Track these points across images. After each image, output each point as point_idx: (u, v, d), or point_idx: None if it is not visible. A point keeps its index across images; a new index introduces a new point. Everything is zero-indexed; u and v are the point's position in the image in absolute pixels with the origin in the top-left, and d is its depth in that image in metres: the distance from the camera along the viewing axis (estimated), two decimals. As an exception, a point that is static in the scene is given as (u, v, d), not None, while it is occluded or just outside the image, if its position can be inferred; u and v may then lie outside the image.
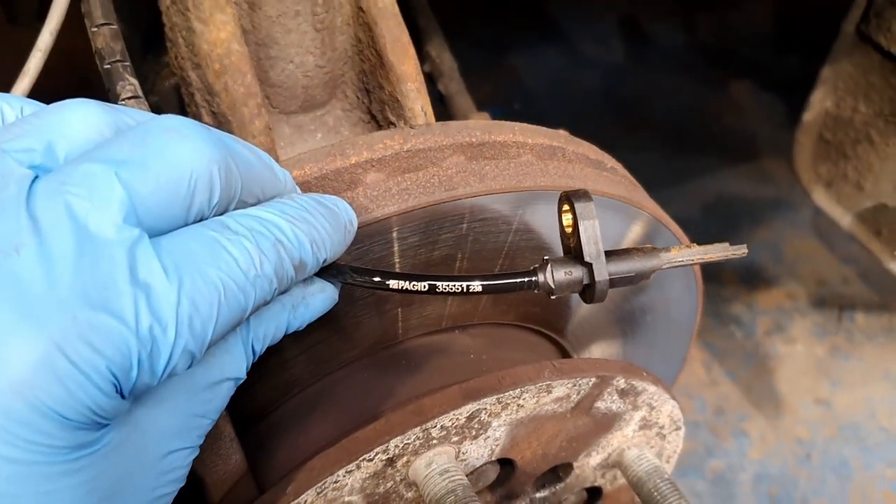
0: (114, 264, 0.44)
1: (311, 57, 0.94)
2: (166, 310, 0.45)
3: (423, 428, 0.71)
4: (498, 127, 0.82)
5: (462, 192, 0.73)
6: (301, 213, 0.55)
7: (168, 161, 0.47)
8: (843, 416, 2.35)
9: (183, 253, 0.47)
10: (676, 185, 2.80)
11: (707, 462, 2.23)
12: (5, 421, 0.42)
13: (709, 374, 2.41)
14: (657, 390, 0.86)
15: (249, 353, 0.57)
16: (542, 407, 0.78)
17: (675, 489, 0.86)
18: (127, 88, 0.77)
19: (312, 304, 0.63)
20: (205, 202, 0.49)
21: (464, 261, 0.81)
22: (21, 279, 0.42)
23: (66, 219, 0.44)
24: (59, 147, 0.48)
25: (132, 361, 0.44)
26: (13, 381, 0.41)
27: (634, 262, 0.62)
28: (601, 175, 0.85)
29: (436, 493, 0.72)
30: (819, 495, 2.18)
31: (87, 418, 0.44)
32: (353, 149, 0.74)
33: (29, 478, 0.43)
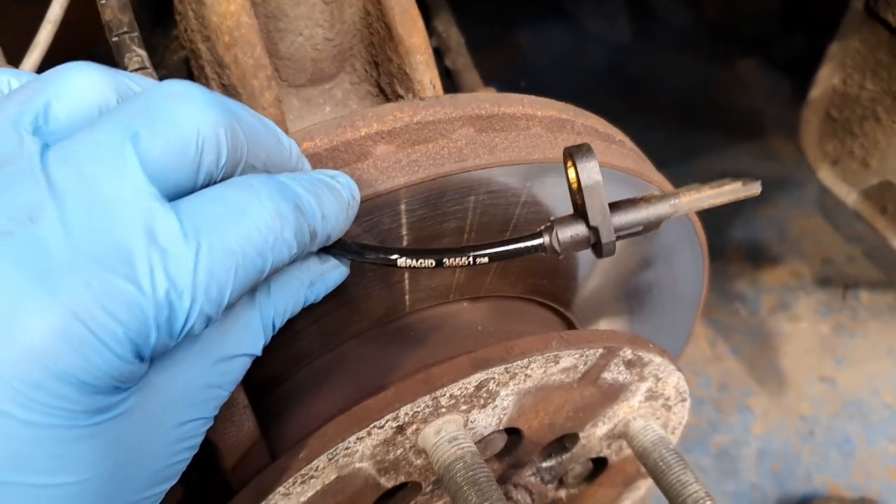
0: (131, 229, 0.44)
1: (321, 29, 0.94)
2: (183, 275, 0.45)
3: (433, 396, 0.72)
4: (507, 99, 0.82)
5: (472, 163, 0.74)
6: (310, 186, 0.55)
7: (175, 124, 0.47)
8: (847, 392, 2.37)
9: (202, 216, 0.47)
10: (682, 163, 2.80)
11: (711, 437, 2.24)
12: (23, 386, 0.42)
13: (713, 350, 2.42)
14: (663, 361, 0.87)
15: (269, 328, 0.58)
16: (550, 377, 0.79)
17: (680, 459, 0.87)
18: (134, 60, 0.77)
19: (328, 279, 0.64)
20: (213, 164, 0.49)
21: (471, 233, 0.82)
22: (39, 247, 0.43)
23: (82, 185, 0.44)
24: (63, 111, 0.48)
25: (149, 326, 0.45)
26: (30, 348, 0.42)
27: (642, 212, 0.61)
28: (610, 148, 0.85)
29: (445, 459, 0.73)
30: (822, 471, 2.20)
31: (105, 383, 0.45)
32: (363, 120, 0.75)
33: (46, 441, 0.44)
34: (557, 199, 0.83)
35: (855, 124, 1.74)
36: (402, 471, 0.77)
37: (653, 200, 0.62)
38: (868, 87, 1.70)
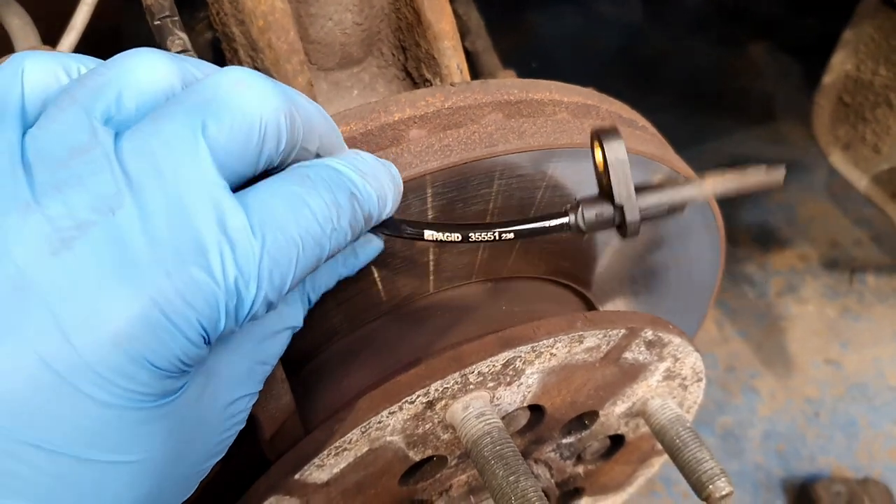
0: (204, 220, 0.46)
1: (350, 14, 0.96)
2: (250, 265, 0.47)
3: (462, 373, 0.74)
4: (535, 85, 0.84)
5: (502, 148, 0.76)
6: (369, 168, 0.58)
7: (240, 111, 0.49)
8: (852, 375, 2.40)
9: (266, 209, 0.49)
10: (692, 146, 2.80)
11: (717, 418, 2.28)
12: (104, 370, 0.44)
13: (721, 331, 2.45)
14: (682, 342, 0.89)
15: (306, 302, 0.60)
16: (574, 356, 0.81)
17: (695, 437, 0.90)
18: (176, 43, 0.79)
19: (362, 253, 0.66)
20: (273, 149, 0.51)
21: (495, 215, 0.84)
22: (120, 237, 0.45)
23: (157, 176, 0.46)
24: (131, 98, 0.49)
25: (220, 313, 0.47)
26: (113, 334, 0.44)
27: (667, 195, 0.62)
28: (633, 133, 0.87)
29: (473, 434, 0.75)
30: (826, 453, 2.23)
31: (175, 367, 0.47)
32: (397, 105, 0.77)
33: (119, 422, 0.46)
34: (581, 183, 0.85)
35: (867, 110, 1.75)
36: (429, 444, 0.80)
37: (677, 183, 0.63)
38: (881, 73, 1.71)
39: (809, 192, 2.77)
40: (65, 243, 0.44)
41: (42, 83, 0.51)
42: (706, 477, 0.87)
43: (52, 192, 0.45)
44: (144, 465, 0.49)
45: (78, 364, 0.44)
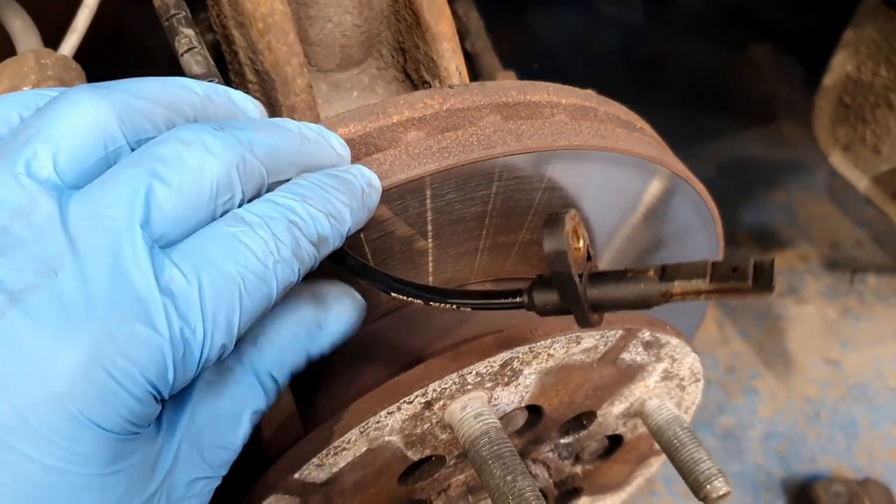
0: (142, 278, 0.47)
1: (349, 16, 0.96)
2: (192, 311, 0.48)
3: (460, 374, 0.75)
4: (533, 87, 0.84)
5: (500, 150, 0.76)
6: (313, 189, 0.57)
7: (189, 173, 0.50)
8: (853, 376, 2.40)
9: (199, 253, 0.50)
10: (693, 146, 2.82)
11: (717, 418, 2.28)
12: (45, 430, 0.44)
13: (721, 332, 2.45)
14: (679, 343, 0.90)
15: (269, 383, 0.59)
16: (571, 357, 0.82)
17: (693, 437, 0.90)
18: (183, 42, 0.79)
19: (328, 329, 0.65)
20: (229, 202, 0.52)
21: (494, 217, 0.85)
22: (61, 298, 0.45)
23: (100, 239, 0.47)
24: (66, 153, 0.49)
25: (168, 364, 0.47)
26: (55, 394, 0.44)
27: (626, 290, 0.59)
28: (631, 135, 0.87)
29: (470, 434, 0.76)
30: (826, 453, 2.24)
31: (123, 428, 0.47)
32: (395, 108, 0.78)
33: (61, 487, 0.46)
34: (578, 185, 0.86)
35: (867, 111, 1.76)
36: (428, 444, 0.80)
37: (642, 280, 0.59)
38: (882, 74, 1.71)
39: (810, 192, 2.78)
40: (7, 305, 0.44)
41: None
42: (703, 477, 0.87)
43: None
44: None
45: (18, 425, 0.44)
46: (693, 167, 1.39)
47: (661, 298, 0.59)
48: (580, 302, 0.60)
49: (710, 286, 0.56)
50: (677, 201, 0.95)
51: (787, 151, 2.83)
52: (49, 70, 0.82)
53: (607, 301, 0.60)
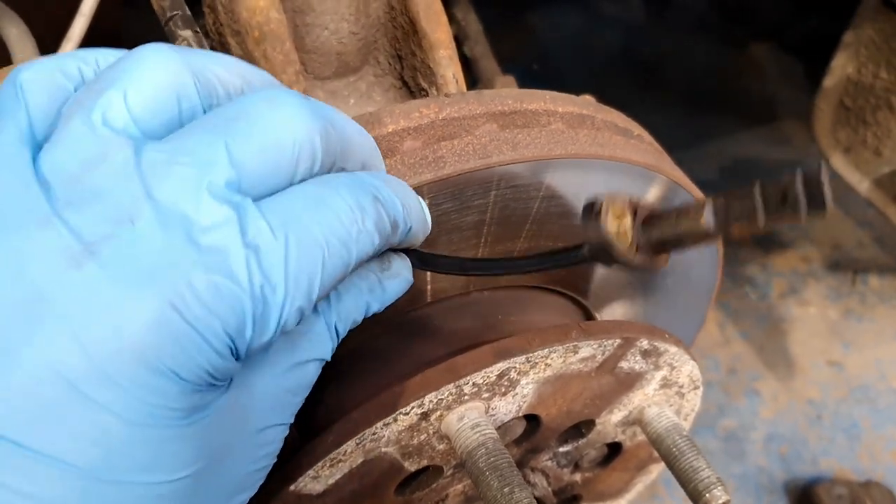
0: (225, 229, 0.45)
1: (346, 24, 0.96)
2: (275, 268, 0.46)
3: (456, 385, 0.75)
4: (529, 95, 0.84)
5: (495, 159, 0.76)
6: (389, 178, 0.57)
7: (271, 131, 0.48)
8: (855, 377, 2.39)
9: (287, 212, 0.48)
10: (694, 147, 2.82)
11: (719, 420, 2.27)
12: (124, 380, 0.43)
13: (723, 333, 2.45)
14: (678, 351, 0.89)
15: (333, 334, 0.59)
16: (569, 366, 0.81)
17: (692, 445, 0.90)
18: (181, 45, 0.79)
19: (389, 287, 0.64)
20: (307, 169, 0.51)
21: (491, 226, 0.84)
22: (138, 248, 0.44)
23: (178, 188, 0.45)
24: (141, 102, 0.48)
25: (246, 321, 0.46)
26: (136, 345, 0.43)
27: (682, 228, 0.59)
28: (629, 143, 0.87)
29: (467, 445, 0.75)
30: (828, 455, 2.23)
31: (202, 379, 0.46)
32: (391, 117, 0.77)
33: (142, 439, 0.45)
34: (576, 194, 0.85)
35: (868, 113, 1.75)
36: (425, 455, 0.80)
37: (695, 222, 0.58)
38: (882, 76, 1.71)
39: (811, 193, 2.77)
40: (85, 256, 0.43)
41: (45, 93, 0.50)
42: (703, 486, 0.87)
43: (70, 206, 0.44)
44: (170, 488, 0.47)
45: (97, 376, 0.43)
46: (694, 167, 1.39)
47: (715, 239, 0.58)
48: (634, 266, 0.61)
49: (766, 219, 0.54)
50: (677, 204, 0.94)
51: (789, 151, 2.83)
52: (43, 80, 0.82)
53: (669, 241, 0.60)
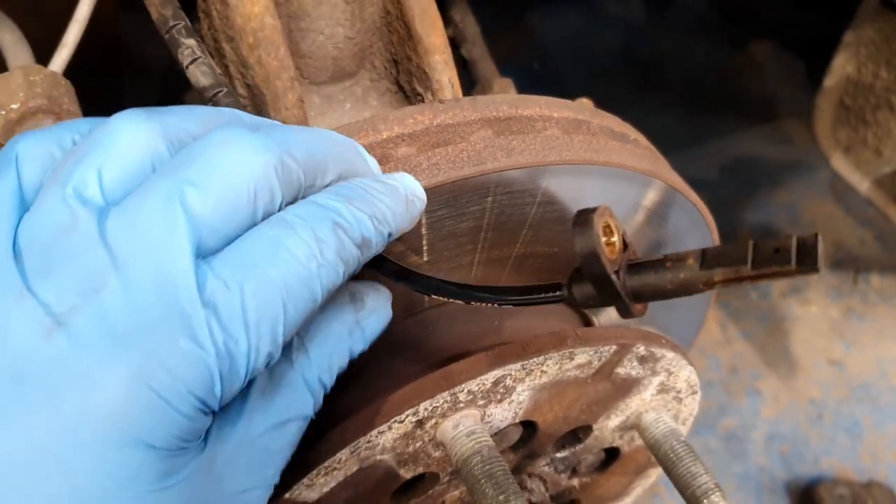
0: (185, 290, 0.46)
1: (341, 28, 0.96)
2: (235, 322, 0.47)
3: (451, 392, 0.74)
4: (524, 101, 0.84)
5: (490, 166, 0.76)
6: (357, 191, 0.57)
7: (224, 175, 0.49)
8: (856, 377, 2.39)
9: (241, 260, 0.49)
10: (694, 146, 2.81)
11: (720, 420, 2.27)
12: (97, 447, 0.45)
13: (724, 333, 2.44)
14: (675, 356, 0.89)
15: (316, 387, 0.59)
16: (565, 373, 0.81)
17: (690, 451, 0.89)
18: (186, 54, 0.79)
19: (368, 326, 0.65)
20: (267, 204, 0.51)
21: (488, 231, 0.84)
22: (104, 317, 0.45)
23: (140, 253, 0.46)
24: (112, 171, 0.49)
25: (214, 380, 0.47)
26: (103, 412, 0.44)
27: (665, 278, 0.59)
28: (624, 148, 0.87)
29: (462, 452, 0.75)
30: (830, 454, 2.23)
31: (173, 445, 0.47)
32: (385, 124, 0.77)
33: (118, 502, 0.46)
34: (572, 199, 0.85)
35: (868, 113, 1.74)
36: (420, 462, 0.80)
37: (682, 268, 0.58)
38: (882, 75, 1.70)
39: (813, 191, 2.76)
40: (55, 328, 0.45)
41: (38, 164, 0.52)
42: (700, 491, 0.86)
43: (41, 277, 0.46)
44: None
45: (72, 441, 0.44)
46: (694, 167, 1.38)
47: (703, 286, 0.58)
48: (619, 297, 0.60)
49: (753, 272, 0.55)
50: (673, 213, 0.94)
51: (790, 150, 2.82)
52: (38, 87, 0.81)
53: (648, 291, 0.60)
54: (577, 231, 0.60)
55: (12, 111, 0.80)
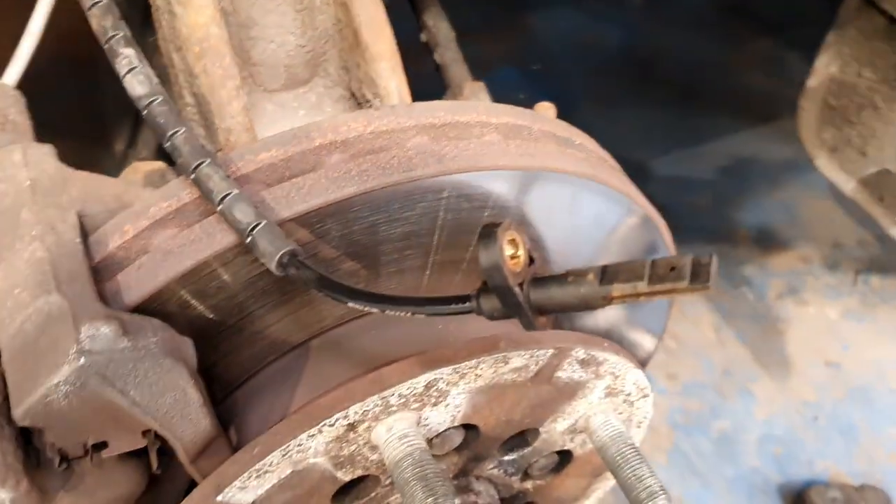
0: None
1: (292, 37, 0.97)
2: None
3: (382, 396, 0.75)
4: (462, 108, 0.84)
5: (420, 172, 0.77)
6: None
7: None
8: (853, 378, 2.37)
9: None
10: (692, 145, 2.80)
11: (712, 422, 2.26)
12: None
13: (717, 335, 2.43)
14: (619, 360, 0.89)
15: None
16: (501, 376, 0.82)
17: (637, 454, 0.90)
18: (123, 64, 0.79)
19: None
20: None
21: (439, 236, 0.85)
22: None
23: None
24: None
25: None
26: None
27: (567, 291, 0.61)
28: (563, 152, 0.87)
29: (395, 456, 0.76)
30: (824, 456, 2.21)
31: None
32: (318, 132, 0.78)
33: None
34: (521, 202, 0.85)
35: (853, 113, 1.73)
36: (358, 465, 0.80)
37: (582, 283, 0.61)
38: (866, 75, 1.69)
39: (811, 191, 2.74)
40: None
41: None
42: (645, 494, 0.87)
43: None
44: None
45: None
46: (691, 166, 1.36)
47: (602, 301, 0.61)
48: (522, 309, 0.62)
49: (649, 288, 0.58)
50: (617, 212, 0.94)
51: (788, 149, 2.79)
52: (-14, 98, 0.84)
53: (551, 304, 0.62)
54: (481, 245, 0.61)
55: (-44, 122, 0.82)
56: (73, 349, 0.65)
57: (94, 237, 0.76)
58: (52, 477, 0.72)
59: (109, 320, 0.67)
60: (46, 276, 0.69)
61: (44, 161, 0.78)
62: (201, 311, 0.77)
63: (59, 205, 0.75)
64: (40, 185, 0.76)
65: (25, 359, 0.67)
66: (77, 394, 0.66)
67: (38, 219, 0.73)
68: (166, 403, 0.70)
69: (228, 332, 0.81)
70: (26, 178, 0.76)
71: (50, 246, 0.71)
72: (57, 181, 0.77)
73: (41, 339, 0.67)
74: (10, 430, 0.71)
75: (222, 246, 0.73)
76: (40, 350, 0.67)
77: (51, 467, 0.72)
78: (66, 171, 0.79)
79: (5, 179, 0.76)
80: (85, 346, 0.65)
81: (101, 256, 0.75)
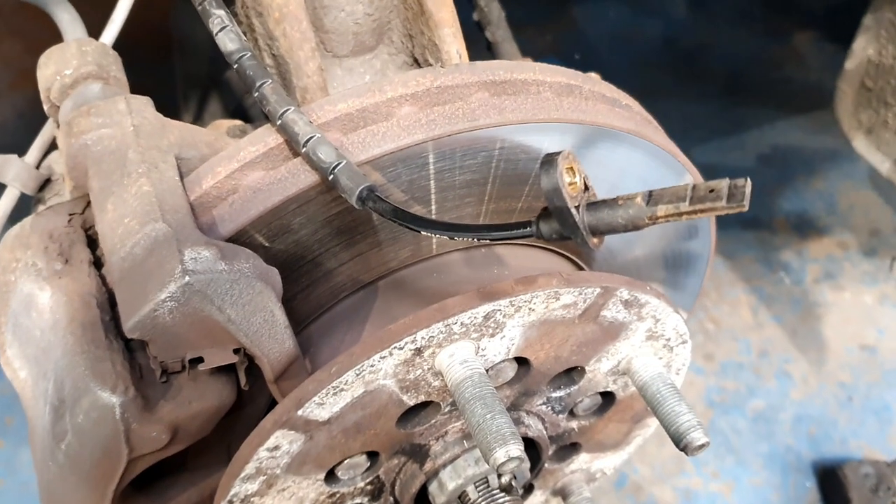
0: None
1: (361, 6, 1.05)
2: None
3: (446, 323, 0.83)
4: (520, 66, 0.92)
5: (482, 122, 0.85)
6: None
7: None
8: (888, 361, 2.40)
9: None
10: (733, 135, 2.84)
11: (749, 401, 2.31)
12: None
13: (755, 317, 2.48)
14: (660, 303, 0.96)
15: None
16: (552, 312, 0.89)
17: (675, 391, 0.96)
18: (215, 23, 0.88)
19: None
20: None
21: (493, 185, 0.93)
22: None
23: None
24: None
25: None
26: None
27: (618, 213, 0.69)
28: (612, 110, 0.95)
29: (456, 378, 0.84)
30: (858, 436, 2.25)
31: None
32: (390, 85, 0.86)
33: None
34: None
35: (889, 94, 1.78)
36: (422, 390, 0.88)
37: (631, 206, 0.70)
38: (903, 58, 1.74)
39: (851, 180, 2.78)
40: None
41: None
42: (684, 428, 0.93)
43: None
44: None
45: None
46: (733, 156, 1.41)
47: (647, 221, 0.69)
48: (578, 229, 0.70)
49: (690, 207, 0.67)
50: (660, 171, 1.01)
51: (828, 140, 2.83)
52: (89, 56, 0.93)
53: (603, 225, 0.70)
54: (542, 171, 0.69)
55: (66, 76, 0.92)
56: (178, 269, 0.73)
57: (189, 178, 0.84)
58: (154, 388, 0.81)
59: (209, 245, 0.76)
60: (153, 207, 0.78)
61: (144, 110, 0.87)
62: (284, 247, 0.86)
63: (160, 147, 0.84)
64: (143, 129, 0.85)
65: (134, 279, 0.76)
66: (180, 309, 0.74)
67: (143, 158, 0.82)
68: (256, 322, 0.78)
69: (306, 268, 0.89)
70: (130, 123, 0.85)
71: (154, 181, 0.80)
72: (157, 127, 0.86)
73: (148, 260, 0.76)
74: (119, 343, 0.81)
75: (306, 184, 0.82)
76: (148, 271, 0.75)
77: (152, 379, 0.81)
78: (164, 120, 0.88)
79: (112, 125, 0.85)
80: (189, 267, 0.74)
81: (197, 195, 0.83)
